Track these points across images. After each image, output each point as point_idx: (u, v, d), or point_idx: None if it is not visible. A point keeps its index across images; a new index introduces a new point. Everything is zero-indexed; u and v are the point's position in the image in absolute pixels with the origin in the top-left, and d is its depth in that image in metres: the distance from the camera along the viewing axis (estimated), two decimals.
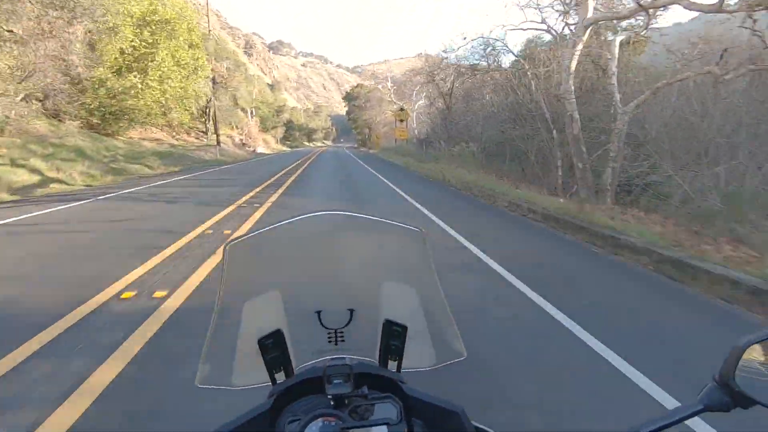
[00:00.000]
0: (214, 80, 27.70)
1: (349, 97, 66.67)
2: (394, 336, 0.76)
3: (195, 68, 22.47)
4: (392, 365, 0.77)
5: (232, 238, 0.76)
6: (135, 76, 19.04)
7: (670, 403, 2.15)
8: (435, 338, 0.80)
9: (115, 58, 19.18)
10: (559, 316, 3.20)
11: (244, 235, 0.75)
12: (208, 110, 28.56)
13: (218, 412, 1.01)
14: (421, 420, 0.65)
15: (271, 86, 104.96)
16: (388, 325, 0.76)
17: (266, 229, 0.76)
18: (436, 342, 0.80)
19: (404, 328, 0.75)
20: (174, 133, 28.96)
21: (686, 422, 0.55)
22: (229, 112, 32.22)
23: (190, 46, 22.17)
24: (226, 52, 34.95)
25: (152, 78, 19.69)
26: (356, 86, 65.08)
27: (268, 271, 0.86)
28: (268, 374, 0.74)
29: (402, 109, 34.64)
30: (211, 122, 29.73)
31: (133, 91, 18.92)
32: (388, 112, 53.78)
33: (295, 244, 0.85)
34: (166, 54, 20.10)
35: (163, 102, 20.76)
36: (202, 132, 30.02)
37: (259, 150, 37.97)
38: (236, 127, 38.05)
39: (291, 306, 0.80)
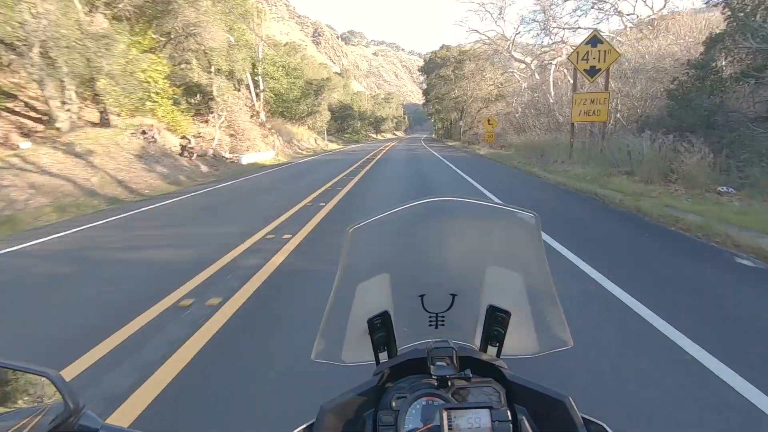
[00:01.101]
0: None
1: (428, 67, 44.76)
2: (496, 322, 0.76)
3: None
4: (491, 351, 0.77)
5: (354, 223, 0.77)
6: None
7: None
8: (539, 326, 0.78)
9: None
10: None
11: (365, 219, 0.76)
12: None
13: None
14: (524, 407, 0.65)
15: (339, 74, 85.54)
16: (492, 310, 0.76)
17: (384, 214, 0.77)
18: (540, 329, 0.78)
19: (507, 314, 0.75)
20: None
21: None
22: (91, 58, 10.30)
23: None
24: None
25: None
26: (441, 47, 43.04)
27: (381, 254, 0.87)
28: (374, 353, 0.77)
29: (598, 41, 12.91)
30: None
31: None
32: (506, 76, 31.51)
33: (407, 229, 0.86)
34: None
35: None
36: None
37: (248, 159, 18.08)
38: (211, 112, 18.68)
39: (397, 289, 0.81)
